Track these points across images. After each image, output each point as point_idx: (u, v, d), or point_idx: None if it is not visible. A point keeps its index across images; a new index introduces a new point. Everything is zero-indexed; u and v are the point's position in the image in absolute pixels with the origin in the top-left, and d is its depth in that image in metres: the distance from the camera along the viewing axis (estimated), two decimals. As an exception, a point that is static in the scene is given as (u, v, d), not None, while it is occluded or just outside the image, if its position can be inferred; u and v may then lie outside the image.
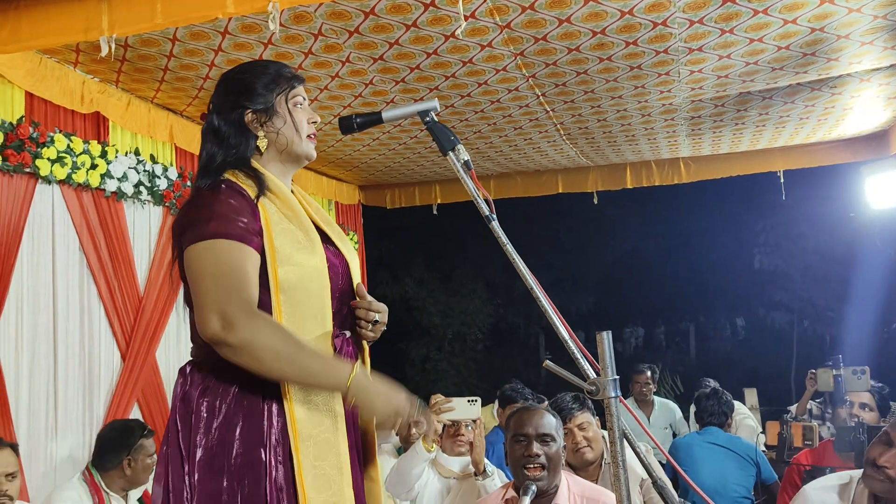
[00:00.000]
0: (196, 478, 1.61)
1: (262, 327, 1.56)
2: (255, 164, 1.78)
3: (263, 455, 1.62)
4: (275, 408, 1.64)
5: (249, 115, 1.78)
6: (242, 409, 1.63)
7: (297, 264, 1.67)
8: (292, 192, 1.83)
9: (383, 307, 1.85)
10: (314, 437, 1.64)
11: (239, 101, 1.79)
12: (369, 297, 1.83)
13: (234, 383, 1.65)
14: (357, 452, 1.79)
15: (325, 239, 1.81)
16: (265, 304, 1.64)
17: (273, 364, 1.56)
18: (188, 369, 1.73)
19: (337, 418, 1.68)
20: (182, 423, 1.66)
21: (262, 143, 1.79)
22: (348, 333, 1.82)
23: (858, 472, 2.32)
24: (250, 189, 1.70)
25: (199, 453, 1.62)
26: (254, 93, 1.79)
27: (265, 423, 1.63)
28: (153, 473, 2.94)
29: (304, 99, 1.86)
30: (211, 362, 1.66)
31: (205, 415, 1.64)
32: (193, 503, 1.61)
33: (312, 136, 1.85)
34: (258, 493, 1.60)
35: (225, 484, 1.60)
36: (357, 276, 1.88)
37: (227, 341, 1.54)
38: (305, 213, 1.78)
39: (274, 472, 1.61)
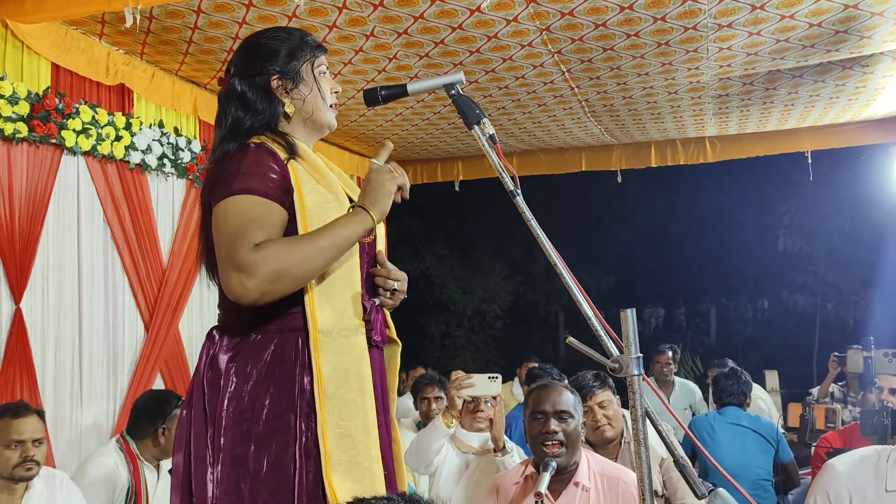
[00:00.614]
0: (222, 442, 1.60)
1: (272, 252, 1.55)
2: (282, 129, 1.78)
3: (293, 420, 1.61)
4: (306, 373, 1.63)
5: (276, 80, 1.77)
6: (274, 375, 1.63)
7: (324, 224, 1.65)
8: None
9: (402, 275, 1.84)
10: (340, 396, 1.63)
11: (265, 67, 1.77)
12: (389, 265, 1.83)
13: (265, 348, 1.65)
14: (386, 418, 1.79)
15: (352, 202, 1.80)
16: None
17: (306, 269, 1.57)
18: (216, 334, 1.72)
19: (364, 380, 1.67)
20: (210, 388, 1.65)
21: (289, 109, 1.77)
22: (377, 301, 1.81)
23: (884, 447, 2.30)
24: (280, 150, 1.69)
25: (225, 418, 1.61)
26: (280, 59, 1.78)
27: (297, 388, 1.63)
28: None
29: (327, 68, 1.86)
30: (241, 327, 1.66)
31: (234, 379, 1.63)
32: (218, 468, 1.60)
33: (334, 106, 1.85)
34: (284, 459, 1.60)
35: (252, 449, 1.60)
36: (383, 242, 1.87)
37: (253, 294, 1.54)
38: (332, 175, 1.78)
39: (304, 438, 1.61)
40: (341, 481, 1.59)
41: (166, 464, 3.34)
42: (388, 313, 1.91)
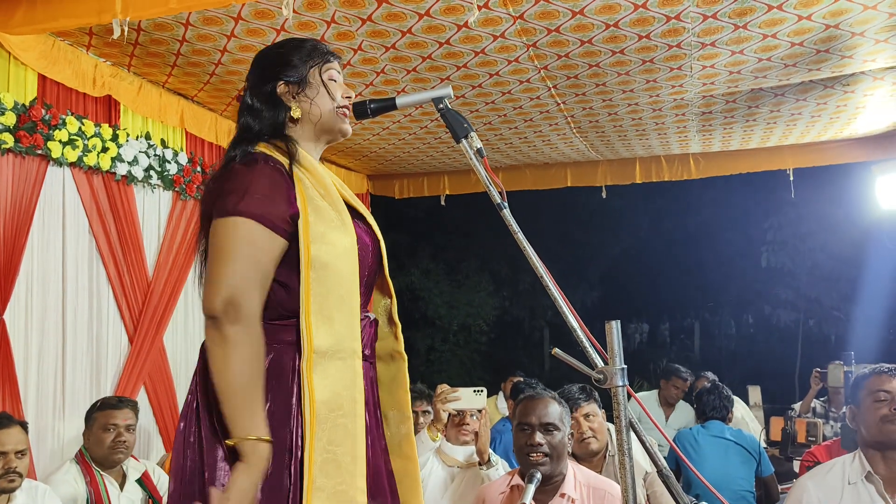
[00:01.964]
0: (221, 462, 1.58)
1: (251, 342, 1.56)
2: (288, 134, 1.77)
3: (288, 435, 1.59)
4: (301, 389, 1.62)
5: (282, 86, 1.78)
6: (271, 387, 1.61)
7: (329, 243, 1.64)
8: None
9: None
10: (332, 420, 1.60)
11: (272, 74, 1.78)
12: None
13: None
14: (378, 433, 1.77)
15: (357, 215, 1.80)
16: (294, 283, 1.62)
17: (224, 376, 1.54)
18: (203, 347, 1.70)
19: (357, 406, 1.65)
20: (204, 406, 1.63)
21: (295, 114, 1.77)
22: (372, 315, 1.81)
23: (841, 458, 2.39)
24: (284, 162, 1.69)
25: (223, 437, 1.58)
26: (288, 65, 1.78)
27: (293, 402, 1.61)
28: (123, 448, 3.17)
29: (339, 73, 1.84)
30: None
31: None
32: (214, 485, 1.57)
33: (345, 112, 1.83)
34: (280, 472, 1.58)
35: None
36: (384, 253, 1.87)
37: (221, 327, 1.54)
38: (336, 190, 1.75)
39: (299, 453, 1.59)
40: None
41: (135, 472, 3.32)
42: (398, 326, 1.90)
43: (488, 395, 5.75)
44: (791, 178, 6.15)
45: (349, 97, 1.83)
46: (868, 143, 5.73)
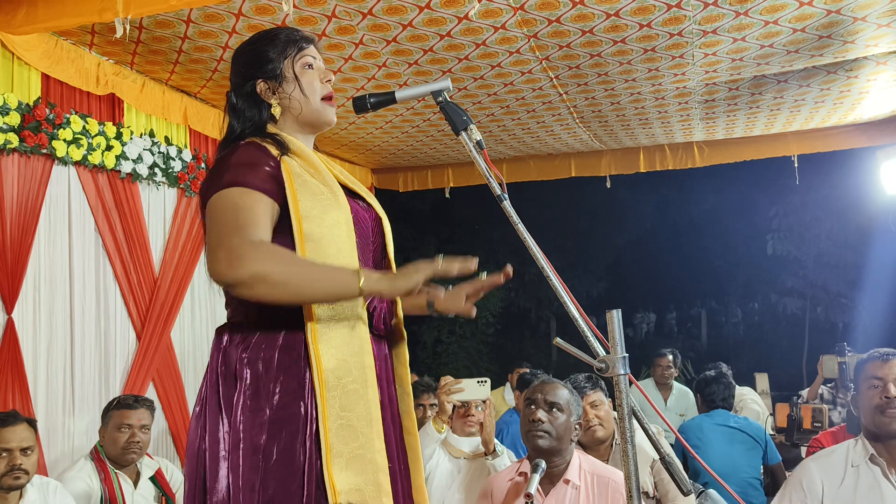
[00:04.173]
0: (241, 429, 1.60)
1: (268, 254, 1.55)
2: (271, 129, 1.79)
3: (302, 408, 1.62)
4: (311, 360, 1.63)
5: (261, 84, 1.80)
6: (283, 364, 1.63)
7: (320, 216, 1.66)
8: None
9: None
10: (342, 386, 1.62)
11: (250, 73, 1.81)
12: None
13: (275, 337, 1.65)
14: (392, 409, 1.79)
15: (354, 195, 1.82)
16: (291, 247, 1.64)
17: (286, 287, 1.54)
18: (225, 331, 1.72)
19: (366, 370, 1.66)
20: (224, 382, 1.66)
21: (276, 111, 1.80)
22: None
23: (845, 442, 2.39)
24: (272, 147, 1.71)
25: (242, 409, 1.61)
26: (264, 61, 1.80)
27: (306, 375, 1.63)
28: (137, 448, 3.19)
29: (315, 58, 1.85)
30: (251, 319, 1.67)
31: (248, 370, 1.64)
32: (238, 456, 1.59)
33: (329, 99, 1.84)
34: (294, 447, 1.60)
35: (265, 437, 1.60)
36: (389, 231, 1.90)
37: (236, 277, 1.52)
38: (329, 171, 1.77)
39: (314, 426, 1.61)
40: (342, 473, 1.58)
41: (148, 470, 3.35)
42: (399, 303, 1.91)
43: (495, 387, 5.78)
44: (795, 165, 6.14)
45: (329, 80, 1.85)
46: (872, 129, 5.71)
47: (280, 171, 1.67)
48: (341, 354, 1.64)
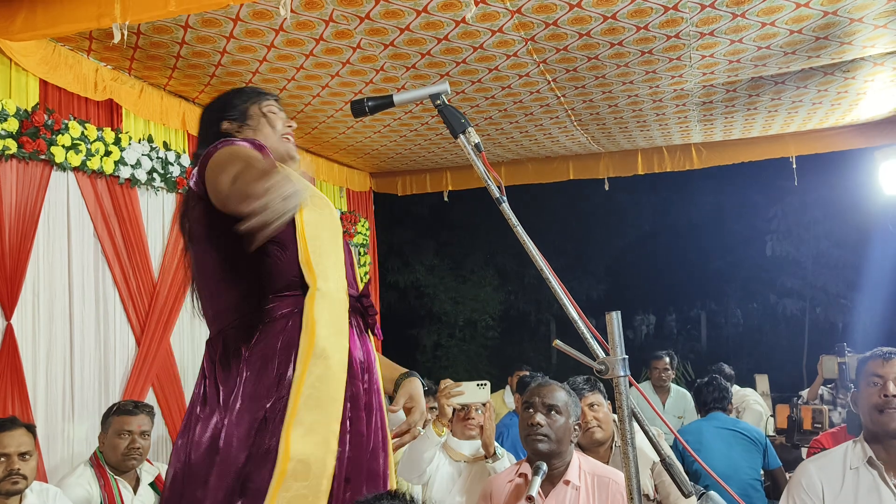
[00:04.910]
0: (238, 406, 1.66)
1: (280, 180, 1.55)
2: None
3: (290, 370, 1.68)
4: (305, 325, 1.69)
5: (226, 123, 1.93)
6: (282, 356, 1.69)
7: (314, 205, 1.75)
8: None
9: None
10: (325, 359, 1.67)
11: (216, 116, 1.95)
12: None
13: (276, 332, 1.71)
14: (378, 398, 1.84)
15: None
16: (291, 245, 1.71)
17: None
18: (215, 340, 1.80)
19: (345, 353, 1.72)
20: (221, 380, 1.71)
21: None
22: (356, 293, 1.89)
23: (844, 444, 2.39)
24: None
25: (242, 397, 1.67)
26: (229, 106, 1.95)
27: (293, 353, 1.70)
28: (137, 455, 3.21)
29: (279, 110, 1.99)
30: (250, 319, 1.73)
31: (246, 367, 1.70)
32: (231, 417, 1.65)
33: (287, 138, 1.97)
34: (259, 408, 1.67)
35: (267, 403, 1.66)
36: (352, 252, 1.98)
37: (250, 206, 1.48)
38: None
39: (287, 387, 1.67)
40: (299, 441, 1.61)
41: (147, 477, 3.35)
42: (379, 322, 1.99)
43: (495, 390, 5.78)
44: (794, 166, 6.15)
45: (290, 126, 1.99)
46: (870, 129, 5.72)
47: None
48: (332, 328, 1.70)
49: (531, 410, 2.60)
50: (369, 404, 1.80)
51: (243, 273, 1.74)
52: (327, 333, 1.68)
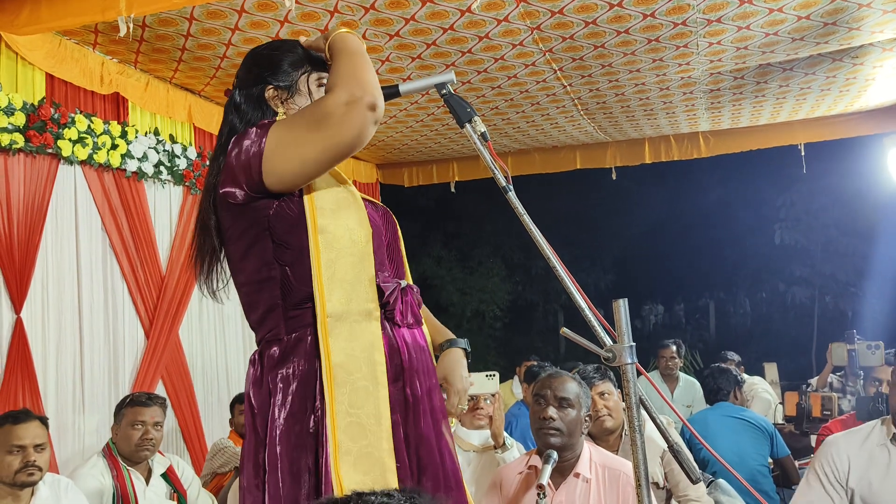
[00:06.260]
0: (278, 451, 1.59)
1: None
2: None
3: (312, 414, 1.60)
4: (320, 356, 1.61)
5: (271, 90, 1.76)
6: (314, 370, 1.61)
7: (333, 209, 1.66)
8: None
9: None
10: (350, 383, 1.59)
11: (262, 76, 1.77)
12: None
13: (301, 346, 1.63)
14: (433, 402, 1.75)
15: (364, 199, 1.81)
16: (304, 244, 1.63)
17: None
18: (256, 355, 1.70)
19: (376, 367, 1.62)
20: (258, 409, 1.63)
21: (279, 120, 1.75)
22: (403, 282, 1.78)
23: (870, 422, 2.41)
24: None
25: (279, 429, 1.59)
26: (279, 69, 1.77)
27: (318, 380, 1.61)
28: (150, 446, 3.21)
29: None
30: (278, 333, 1.65)
31: (280, 386, 1.62)
32: (277, 479, 1.57)
33: None
34: (300, 453, 1.59)
35: (306, 451, 1.59)
36: (398, 227, 1.90)
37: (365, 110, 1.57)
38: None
39: (323, 424, 1.59)
40: (350, 471, 1.55)
41: (159, 468, 3.36)
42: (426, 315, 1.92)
43: (503, 380, 5.79)
44: (802, 154, 6.11)
45: None
46: (879, 115, 5.68)
47: None
48: (351, 350, 1.61)
49: (543, 403, 2.57)
50: (425, 404, 1.72)
51: (268, 282, 1.67)
52: (345, 359, 1.59)
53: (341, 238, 1.65)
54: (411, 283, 1.87)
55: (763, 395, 5.28)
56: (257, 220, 1.65)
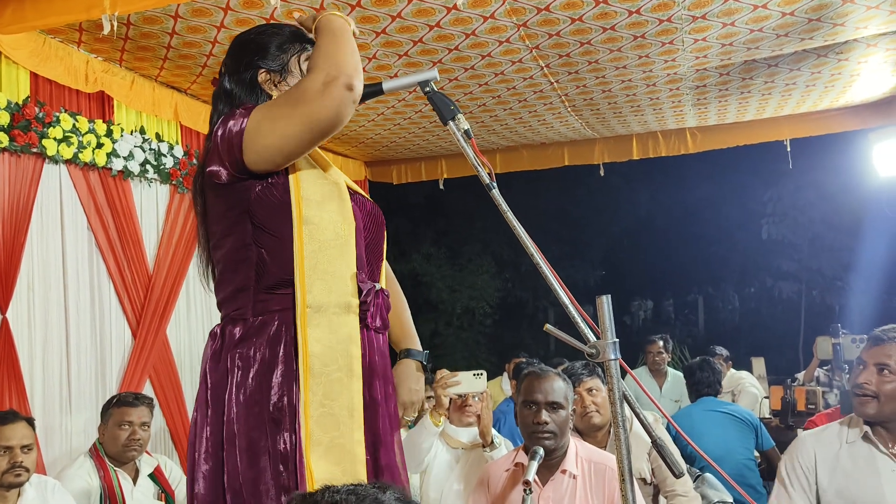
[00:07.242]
0: (235, 429, 1.60)
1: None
2: None
3: (287, 401, 1.61)
4: (297, 345, 1.62)
5: (263, 74, 1.78)
6: (277, 355, 1.62)
7: (320, 200, 1.67)
8: None
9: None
10: (326, 374, 1.60)
11: (253, 61, 1.79)
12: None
13: (267, 330, 1.64)
14: (390, 407, 1.78)
15: (352, 193, 1.81)
16: (287, 242, 1.63)
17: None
18: (217, 330, 1.71)
19: (352, 360, 1.64)
20: (214, 384, 1.65)
21: None
22: (378, 285, 1.78)
23: (839, 420, 2.43)
24: None
25: (236, 406, 1.60)
26: (268, 52, 1.79)
27: (294, 368, 1.62)
28: (137, 446, 3.21)
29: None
30: (244, 314, 1.66)
31: (240, 365, 1.63)
32: (236, 457, 1.59)
33: None
34: (276, 436, 1.60)
35: (267, 432, 1.60)
36: (384, 232, 1.89)
37: (345, 92, 1.59)
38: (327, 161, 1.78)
39: (297, 414, 1.60)
40: (320, 461, 1.57)
41: (146, 468, 3.36)
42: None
43: (492, 378, 5.79)
44: (788, 149, 6.14)
45: None
46: (864, 111, 5.71)
47: None
48: (329, 341, 1.62)
49: (534, 408, 2.57)
50: (383, 408, 1.75)
51: (244, 263, 1.68)
52: (322, 350, 1.61)
53: (325, 230, 1.66)
54: (384, 286, 1.88)
55: (750, 389, 5.31)
56: (239, 201, 1.66)
